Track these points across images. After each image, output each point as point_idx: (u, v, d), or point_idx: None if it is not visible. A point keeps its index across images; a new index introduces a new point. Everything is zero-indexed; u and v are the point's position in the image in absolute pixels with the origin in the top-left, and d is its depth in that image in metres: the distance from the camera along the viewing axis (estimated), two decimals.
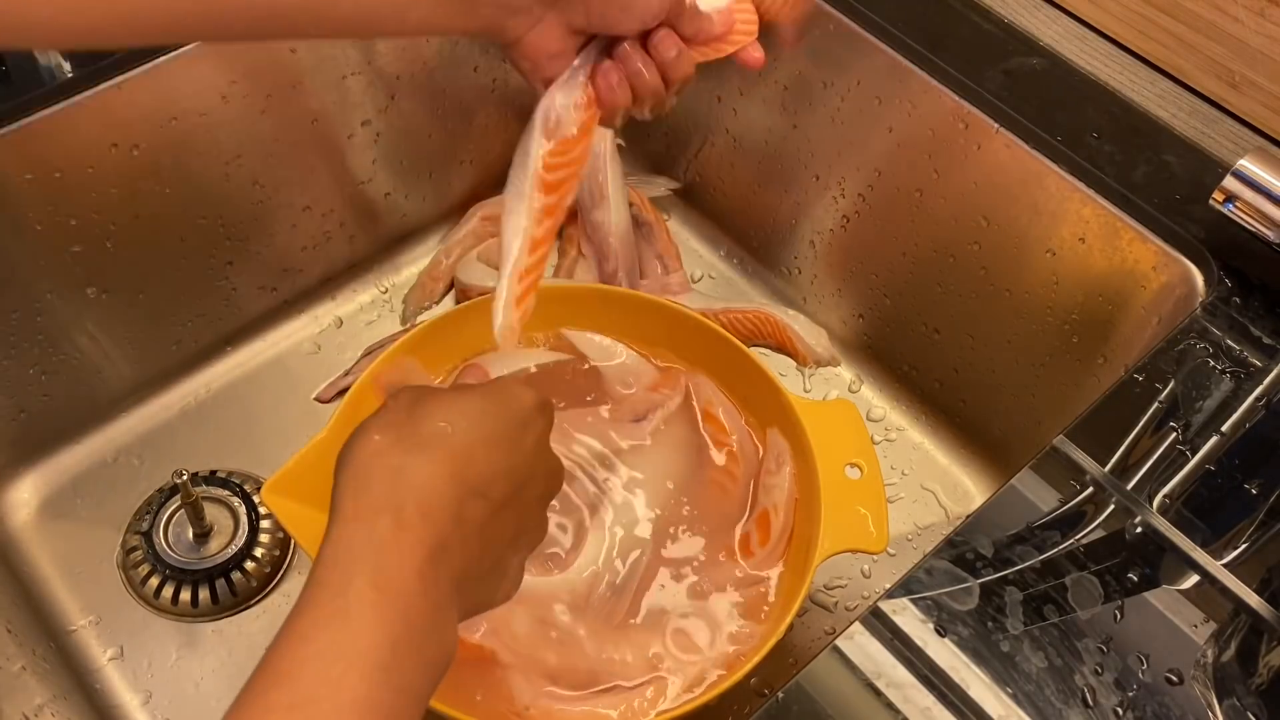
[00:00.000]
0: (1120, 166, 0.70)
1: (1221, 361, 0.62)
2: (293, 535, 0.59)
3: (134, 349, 0.82)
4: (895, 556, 0.79)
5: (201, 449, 0.82)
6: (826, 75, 0.80)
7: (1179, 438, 0.59)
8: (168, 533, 0.76)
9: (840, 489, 0.64)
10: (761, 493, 0.68)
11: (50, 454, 0.81)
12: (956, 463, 0.84)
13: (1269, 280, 0.66)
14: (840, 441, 0.65)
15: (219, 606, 0.75)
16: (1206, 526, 0.55)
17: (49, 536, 0.78)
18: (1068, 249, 0.72)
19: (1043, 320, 0.75)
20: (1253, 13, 0.69)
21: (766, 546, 0.66)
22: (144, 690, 0.72)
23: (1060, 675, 0.50)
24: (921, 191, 0.78)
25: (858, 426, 0.67)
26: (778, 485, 0.67)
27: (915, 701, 0.49)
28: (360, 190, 0.88)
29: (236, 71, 0.75)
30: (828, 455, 0.64)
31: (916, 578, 0.53)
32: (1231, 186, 0.63)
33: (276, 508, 0.59)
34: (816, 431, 0.65)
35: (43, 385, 0.78)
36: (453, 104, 0.89)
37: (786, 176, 0.87)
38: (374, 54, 0.82)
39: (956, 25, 0.78)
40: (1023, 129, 0.72)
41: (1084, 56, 0.76)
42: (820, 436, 0.65)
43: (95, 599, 0.75)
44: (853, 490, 0.64)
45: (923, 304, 0.82)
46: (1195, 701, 0.50)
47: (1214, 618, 0.53)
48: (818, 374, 0.88)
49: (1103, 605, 0.52)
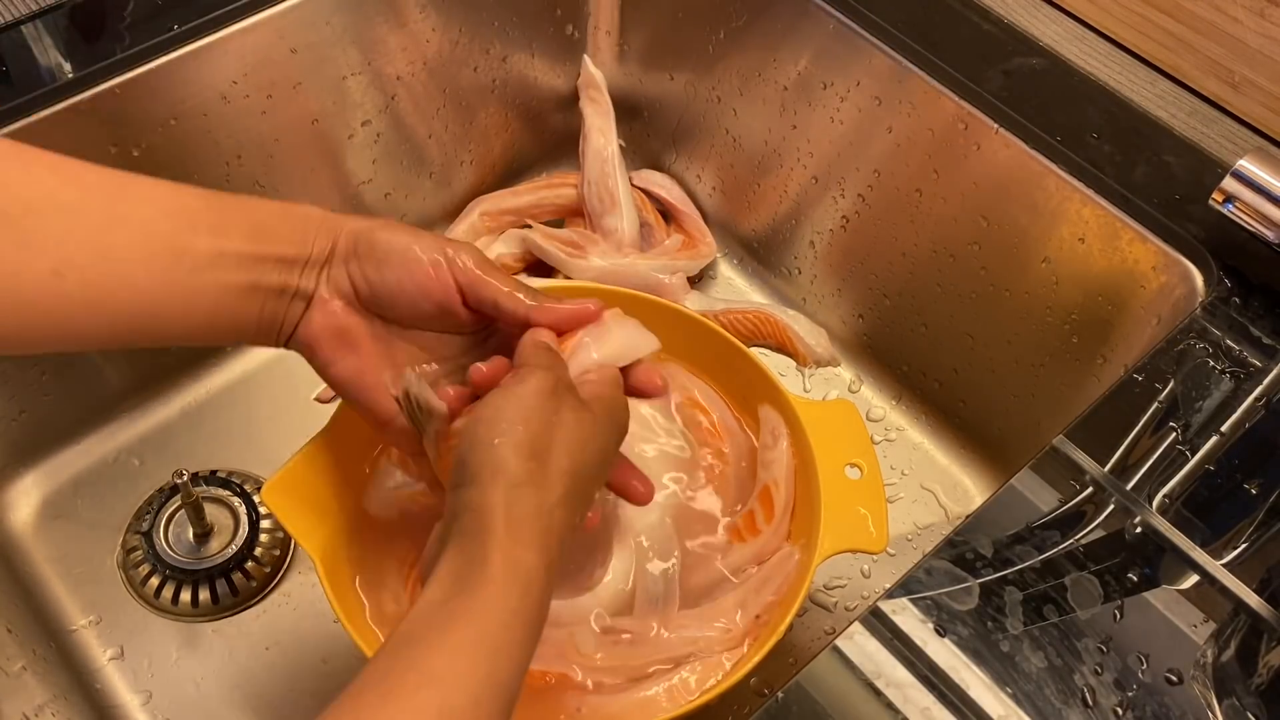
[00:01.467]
0: (1120, 167, 0.70)
1: (1221, 361, 0.62)
2: (293, 535, 0.59)
3: (134, 349, 0.81)
4: (895, 556, 0.79)
5: (201, 449, 0.82)
6: (826, 75, 0.80)
7: (1179, 438, 0.59)
8: (168, 533, 0.76)
9: (840, 489, 0.63)
10: (760, 469, 0.68)
11: (50, 454, 0.81)
12: (956, 463, 0.84)
13: (1269, 280, 0.66)
14: (840, 441, 0.65)
15: (219, 606, 0.75)
16: (1206, 526, 0.55)
17: (49, 536, 0.78)
18: (1067, 249, 0.72)
19: (1042, 320, 0.75)
20: (1252, 13, 0.69)
21: (772, 523, 0.65)
22: (144, 690, 0.72)
23: (1060, 675, 0.50)
24: (921, 191, 0.78)
25: (858, 426, 0.66)
26: (776, 459, 0.66)
27: (915, 701, 0.49)
28: (360, 190, 0.88)
29: (237, 72, 0.75)
30: (827, 455, 0.64)
31: (916, 578, 0.53)
32: (1231, 187, 0.63)
33: (277, 508, 0.59)
34: (816, 431, 0.65)
35: (43, 385, 0.78)
36: (453, 104, 0.89)
37: (786, 176, 0.87)
38: (374, 54, 0.82)
39: (956, 25, 0.78)
40: (1023, 129, 0.72)
41: (1084, 56, 0.76)
42: (820, 436, 0.65)
43: (95, 599, 0.75)
44: (853, 490, 0.63)
45: (923, 304, 0.82)
46: (1195, 701, 0.50)
47: (1214, 618, 0.53)
48: (818, 374, 0.88)
49: (1103, 605, 0.52)
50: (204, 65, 0.73)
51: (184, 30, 0.73)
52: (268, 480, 0.59)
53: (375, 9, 0.80)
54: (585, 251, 0.87)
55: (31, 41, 0.72)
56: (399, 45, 0.83)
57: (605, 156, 0.90)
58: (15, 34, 0.73)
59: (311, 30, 0.78)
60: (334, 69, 0.80)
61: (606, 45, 0.95)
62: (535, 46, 0.92)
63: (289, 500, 0.59)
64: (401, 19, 0.82)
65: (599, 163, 0.90)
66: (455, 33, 0.86)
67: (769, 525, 0.65)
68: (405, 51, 0.84)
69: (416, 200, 0.92)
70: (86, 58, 0.71)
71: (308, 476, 0.60)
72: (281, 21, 0.76)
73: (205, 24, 0.73)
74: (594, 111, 0.93)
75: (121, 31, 0.73)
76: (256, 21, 0.75)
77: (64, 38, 0.73)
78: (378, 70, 0.83)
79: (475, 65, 0.89)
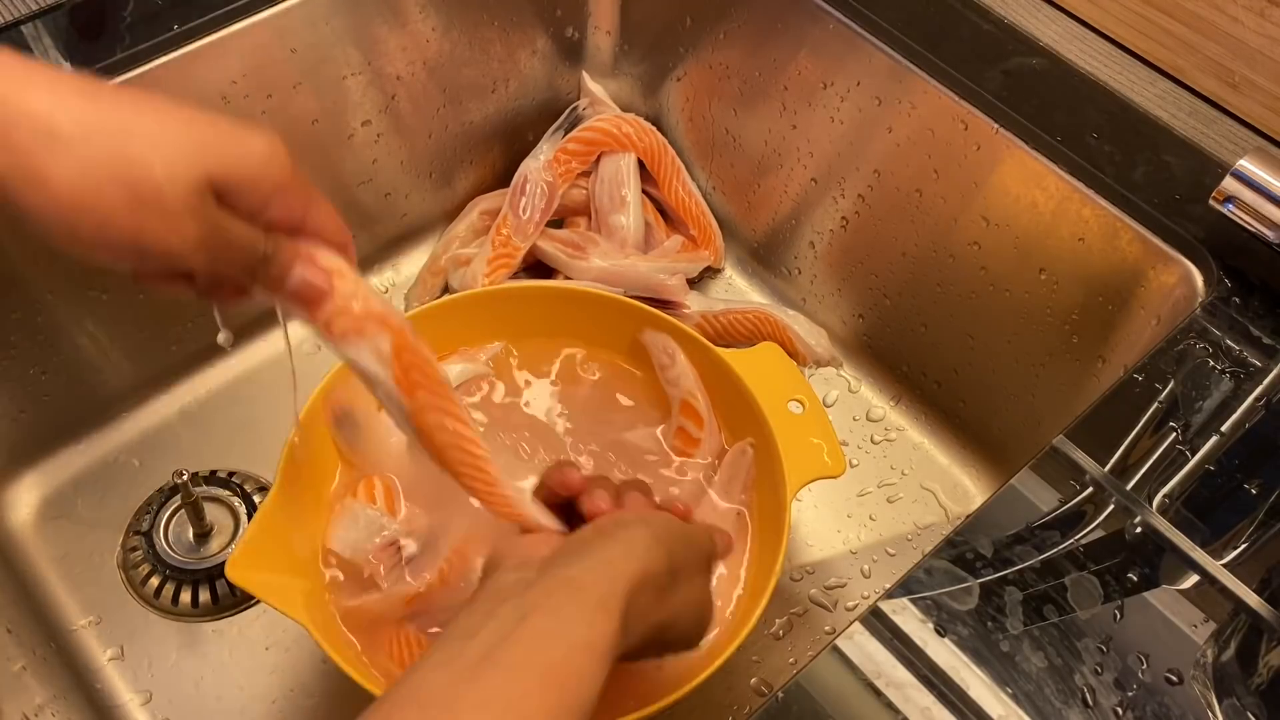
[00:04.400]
0: (1120, 166, 0.70)
1: (1221, 361, 0.62)
2: (268, 603, 0.57)
3: (134, 349, 0.82)
4: (895, 556, 0.79)
5: (201, 449, 0.82)
6: (826, 75, 0.80)
7: (1179, 438, 0.59)
8: (168, 533, 0.76)
9: (789, 425, 0.66)
10: (669, 387, 0.70)
11: (50, 454, 0.81)
12: (956, 463, 0.84)
13: (1269, 280, 0.66)
14: (775, 381, 0.68)
15: (219, 606, 0.75)
16: (1206, 526, 0.55)
17: (49, 536, 0.78)
18: (1067, 249, 0.72)
19: (1042, 320, 0.75)
20: (1253, 13, 0.69)
21: (704, 428, 0.68)
22: (144, 690, 0.72)
23: (1060, 675, 0.50)
24: (921, 191, 0.78)
25: (788, 365, 0.70)
26: (680, 374, 0.69)
27: (915, 701, 0.49)
28: (360, 190, 0.88)
29: (237, 72, 0.75)
30: (769, 397, 0.67)
31: (916, 578, 0.53)
32: (1231, 187, 0.63)
33: (245, 582, 0.57)
34: (751, 377, 0.67)
35: (43, 385, 0.78)
36: (453, 104, 0.89)
37: (786, 176, 0.87)
38: (374, 54, 0.82)
39: (956, 25, 0.78)
40: (1023, 129, 0.72)
41: (1084, 56, 0.76)
42: (756, 381, 0.67)
43: (95, 599, 0.75)
44: (800, 424, 0.66)
45: (922, 304, 0.82)
46: (1195, 701, 0.50)
47: (1214, 618, 0.53)
48: (818, 374, 0.88)
49: (1103, 605, 0.52)
50: (204, 65, 0.73)
51: (184, 30, 0.73)
52: (230, 558, 0.58)
53: (375, 9, 0.80)
54: (586, 252, 0.87)
55: (31, 41, 0.72)
56: (399, 45, 0.83)
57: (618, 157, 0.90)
58: (15, 34, 0.73)
59: (311, 30, 0.78)
60: (334, 69, 0.80)
61: (606, 46, 0.95)
62: (535, 46, 0.92)
63: (257, 572, 0.58)
64: (401, 19, 0.82)
65: (614, 161, 0.90)
66: (455, 33, 0.86)
67: (703, 431, 0.68)
68: (405, 51, 0.84)
69: (416, 200, 0.92)
70: (86, 58, 0.71)
71: (268, 544, 0.59)
72: (281, 21, 0.76)
73: (205, 24, 0.73)
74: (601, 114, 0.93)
75: (121, 31, 0.73)
76: (256, 21, 0.75)
77: (64, 38, 0.73)
78: (378, 70, 0.83)
79: (475, 65, 0.89)
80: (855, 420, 0.86)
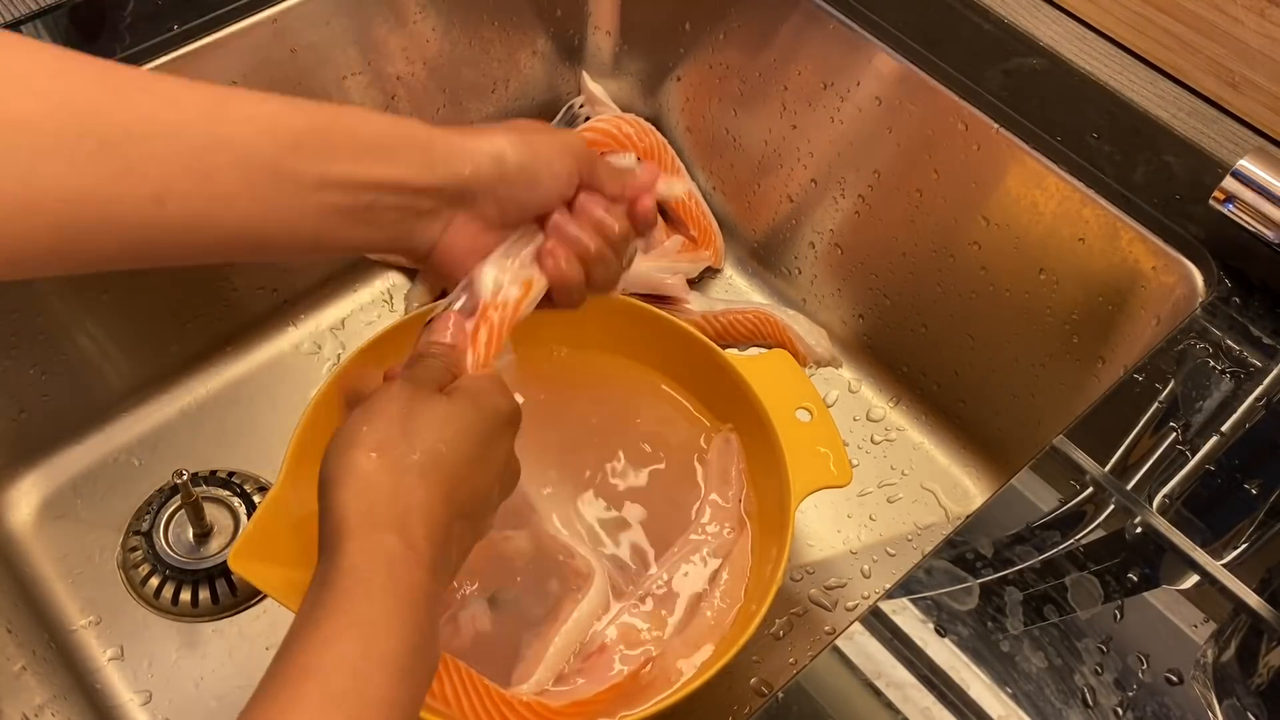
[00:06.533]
0: (1120, 167, 0.70)
1: (1221, 361, 0.62)
2: (271, 595, 0.57)
3: (134, 349, 0.82)
4: (895, 556, 0.79)
5: (201, 449, 0.82)
6: (826, 75, 0.80)
7: (1179, 438, 0.59)
8: (168, 533, 0.76)
9: (796, 433, 0.65)
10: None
11: (50, 454, 0.81)
12: (956, 463, 0.84)
13: (1269, 280, 0.66)
14: (784, 389, 0.67)
15: (219, 606, 0.75)
16: (1206, 526, 0.55)
17: (49, 536, 0.78)
18: (1067, 249, 0.72)
19: (1043, 320, 0.75)
20: (1253, 13, 0.69)
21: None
22: (144, 690, 0.72)
23: (1060, 675, 0.50)
24: (921, 191, 0.78)
25: (797, 372, 0.69)
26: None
27: (915, 701, 0.49)
28: None
29: (237, 72, 0.75)
30: (776, 404, 0.66)
31: (916, 578, 0.53)
32: (1231, 187, 0.63)
33: (248, 573, 0.57)
34: (760, 384, 0.67)
35: (43, 385, 0.78)
36: (453, 104, 0.89)
37: (787, 177, 0.87)
38: (374, 54, 0.82)
39: (956, 25, 0.78)
40: (1023, 129, 0.72)
41: (1084, 56, 0.76)
42: (765, 388, 0.66)
43: (95, 599, 0.75)
44: (808, 432, 0.66)
45: (923, 304, 0.82)
46: (1195, 701, 0.50)
47: (1214, 618, 0.53)
48: (818, 374, 0.88)
49: (1103, 605, 0.52)
50: (204, 65, 0.73)
51: (184, 30, 0.73)
52: (233, 548, 0.58)
53: (375, 9, 0.80)
54: None
55: None
56: (399, 45, 0.83)
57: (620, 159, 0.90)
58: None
59: (311, 30, 0.78)
60: (334, 69, 0.80)
61: (606, 46, 0.95)
62: (535, 47, 0.92)
63: (259, 563, 0.58)
64: (401, 19, 0.82)
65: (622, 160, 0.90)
66: (455, 33, 0.86)
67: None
68: (405, 51, 0.84)
69: None
70: None
71: (272, 534, 0.59)
72: (281, 21, 0.76)
73: (205, 24, 0.73)
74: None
75: (121, 31, 0.73)
76: (256, 21, 0.75)
77: (64, 38, 0.73)
78: (378, 70, 0.83)
79: (475, 65, 0.89)
80: (855, 420, 0.86)
